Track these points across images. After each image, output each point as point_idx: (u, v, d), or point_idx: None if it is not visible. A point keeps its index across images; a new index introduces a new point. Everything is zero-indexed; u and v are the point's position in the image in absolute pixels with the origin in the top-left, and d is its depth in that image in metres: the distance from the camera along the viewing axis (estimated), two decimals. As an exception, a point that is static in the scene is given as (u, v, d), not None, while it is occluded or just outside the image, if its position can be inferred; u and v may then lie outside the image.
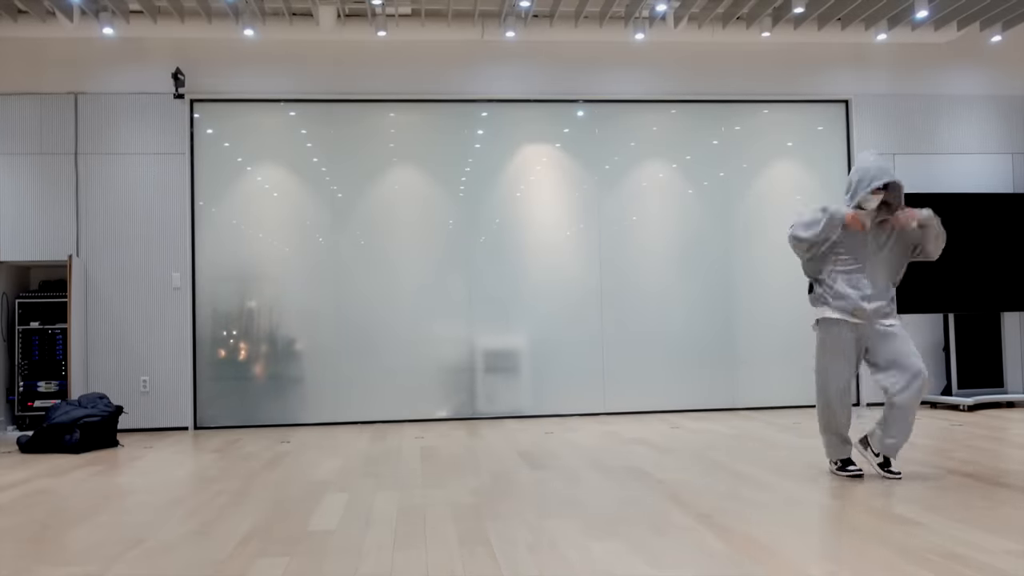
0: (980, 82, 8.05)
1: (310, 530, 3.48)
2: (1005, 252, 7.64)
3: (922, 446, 5.35)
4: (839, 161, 7.94)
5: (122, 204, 7.25)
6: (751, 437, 5.94)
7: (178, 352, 7.21)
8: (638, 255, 7.72)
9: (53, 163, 7.20)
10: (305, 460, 5.39)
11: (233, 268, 7.37)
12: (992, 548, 2.96)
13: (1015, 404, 7.63)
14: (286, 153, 7.47)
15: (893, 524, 3.33)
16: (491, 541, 3.23)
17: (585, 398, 7.55)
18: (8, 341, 7.24)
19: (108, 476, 4.96)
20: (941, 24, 7.69)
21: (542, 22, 7.51)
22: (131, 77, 7.33)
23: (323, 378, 7.38)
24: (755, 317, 7.78)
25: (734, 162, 7.86)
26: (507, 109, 7.61)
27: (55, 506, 4.09)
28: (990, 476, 4.29)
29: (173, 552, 3.18)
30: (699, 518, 3.51)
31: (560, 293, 7.62)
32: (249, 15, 7.10)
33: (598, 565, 2.87)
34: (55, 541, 3.39)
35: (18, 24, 7.16)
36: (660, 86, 7.76)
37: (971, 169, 7.99)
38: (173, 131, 7.31)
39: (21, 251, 7.14)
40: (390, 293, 7.43)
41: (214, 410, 7.28)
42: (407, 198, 7.53)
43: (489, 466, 4.97)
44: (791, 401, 7.75)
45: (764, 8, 7.23)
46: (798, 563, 2.83)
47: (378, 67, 7.53)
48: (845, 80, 7.92)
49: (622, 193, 7.73)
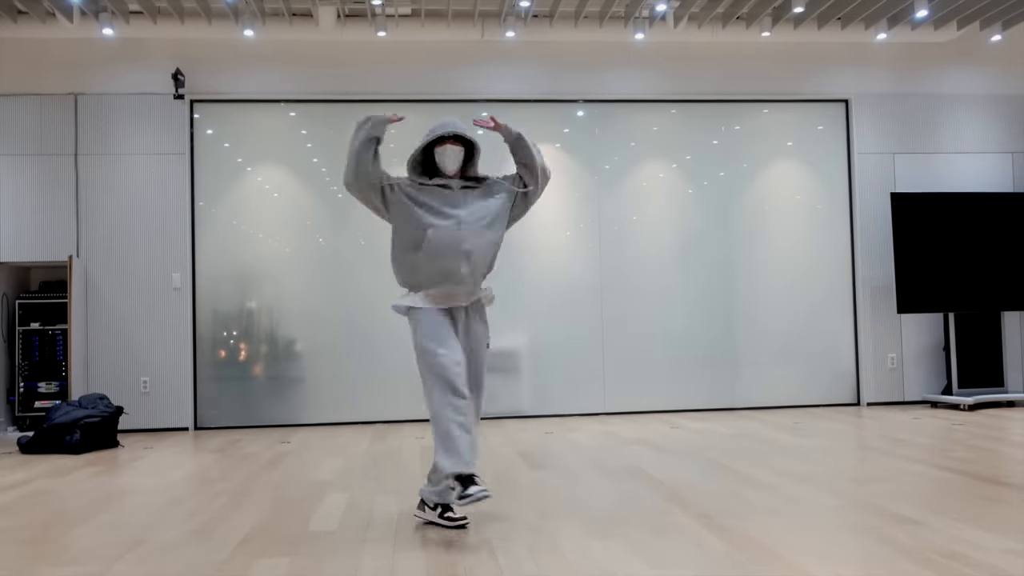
0: (980, 82, 8.05)
1: (310, 530, 3.48)
2: (1005, 252, 7.64)
3: (922, 446, 5.35)
4: (839, 161, 7.94)
5: (122, 204, 7.25)
6: (751, 437, 5.94)
7: (178, 352, 7.22)
8: (638, 255, 7.72)
9: (53, 163, 7.20)
10: (306, 460, 5.39)
11: (233, 268, 7.37)
12: (992, 548, 2.96)
13: (1015, 404, 7.63)
14: (286, 153, 7.47)
15: (893, 524, 3.33)
16: (491, 541, 3.23)
17: (585, 398, 7.55)
18: (8, 342, 7.24)
19: (108, 477, 4.96)
20: (941, 24, 7.69)
21: (542, 22, 7.51)
22: (131, 78, 7.33)
23: (323, 378, 7.38)
24: (755, 317, 7.78)
25: (734, 162, 7.86)
26: (507, 109, 7.61)
27: (56, 507, 4.09)
28: (990, 476, 4.29)
29: (173, 552, 3.18)
30: (699, 518, 3.51)
31: (560, 293, 7.62)
32: (249, 15, 7.10)
33: (598, 565, 2.87)
34: (56, 542, 3.39)
35: (18, 25, 7.16)
36: (660, 86, 7.76)
37: (971, 169, 7.99)
38: (173, 132, 7.31)
39: (21, 252, 7.14)
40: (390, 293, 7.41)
41: (214, 410, 7.28)
42: (407, 198, 7.52)
43: (489, 466, 4.97)
44: (791, 401, 7.75)
45: (764, 8, 7.23)
46: (798, 563, 2.83)
47: (378, 67, 7.53)
48: (845, 80, 7.92)
49: (622, 193, 7.73)
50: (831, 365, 7.83)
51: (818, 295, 7.86)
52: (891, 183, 7.88)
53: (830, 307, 7.87)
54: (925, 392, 7.81)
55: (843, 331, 7.85)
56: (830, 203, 7.92)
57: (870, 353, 7.77)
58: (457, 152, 3.55)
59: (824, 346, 7.83)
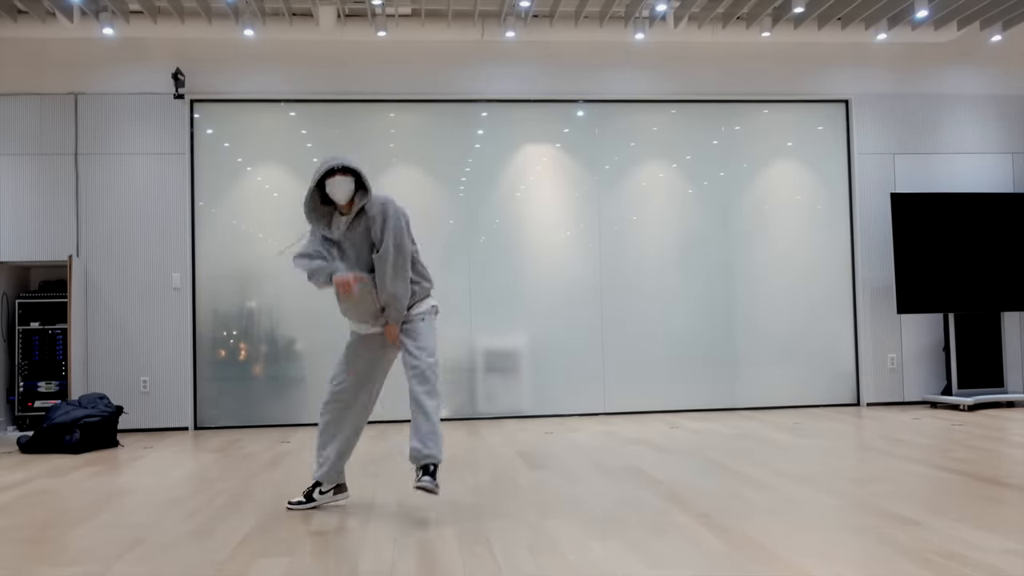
0: (980, 82, 8.05)
1: (310, 530, 3.48)
2: (1005, 252, 7.64)
3: (922, 446, 5.35)
4: (839, 161, 7.94)
5: (122, 204, 7.25)
6: (751, 437, 5.94)
7: (178, 352, 7.22)
8: (638, 255, 7.72)
9: (53, 163, 7.21)
10: (305, 460, 5.40)
11: (233, 268, 7.37)
12: (992, 548, 2.96)
13: (1015, 404, 7.63)
14: (286, 153, 7.47)
15: (893, 524, 3.33)
16: (491, 541, 3.23)
17: (585, 398, 7.55)
18: (8, 341, 7.24)
19: (108, 476, 4.96)
20: (941, 24, 7.69)
21: (542, 22, 7.51)
22: (131, 77, 7.33)
23: (323, 378, 7.35)
24: (755, 317, 7.78)
25: (734, 162, 7.86)
26: (507, 109, 7.61)
27: (55, 506, 4.09)
28: (990, 476, 4.29)
29: (173, 552, 3.18)
30: (699, 518, 3.51)
31: (560, 293, 7.62)
32: (249, 15, 7.10)
33: (598, 565, 2.87)
34: (55, 541, 3.39)
35: (18, 24, 7.16)
36: (660, 86, 7.76)
37: (971, 169, 7.99)
38: (173, 131, 7.31)
39: (21, 251, 7.14)
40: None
41: (214, 410, 7.28)
42: (407, 198, 7.44)
43: (489, 466, 4.97)
44: (791, 401, 7.75)
45: (764, 8, 7.23)
46: (798, 563, 2.83)
47: (378, 67, 7.53)
48: (845, 80, 7.92)
49: (622, 193, 7.73)
50: (831, 365, 7.83)
51: (818, 295, 7.86)
52: (891, 183, 7.88)
53: (830, 307, 7.87)
54: (925, 392, 7.81)
55: (843, 331, 7.85)
56: (830, 203, 7.92)
57: (870, 353, 7.77)
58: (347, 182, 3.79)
59: (824, 346, 7.83)
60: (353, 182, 3.79)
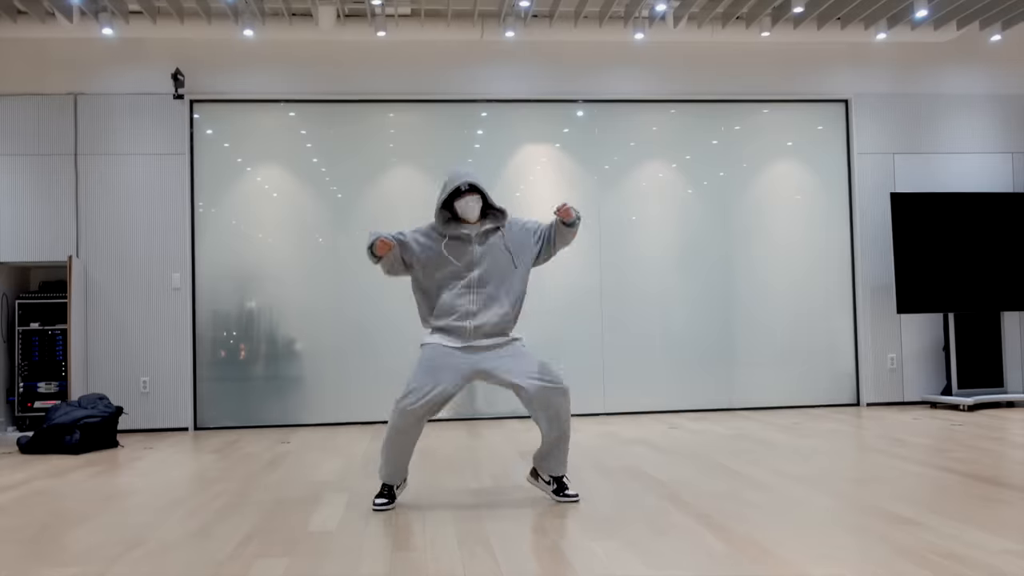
0: (980, 82, 8.05)
1: (310, 531, 3.48)
2: (1005, 252, 7.64)
3: (922, 446, 5.35)
4: (839, 161, 7.94)
5: (122, 205, 7.25)
6: (750, 437, 5.94)
7: (178, 353, 7.22)
8: (638, 255, 7.72)
9: (53, 164, 7.21)
10: (305, 461, 5.40)
11: (233, 268, 7.38)
12: (992, 548, 2.96)
13: (1015, 404, 7.63)
14: (286, 153, 7.48)
15: (893, 524, 3.33)
16: (491, 541, 3.23)
17: (585, 398, 7.55)
18: (8, 342, 7.24)
19: (108, 477, 4.96)
20: (941, 23, 7.70)
21: (542, 22, 7.51)
22: (131, 78, 7.33)
23: (323, 378, 7.38)
24: (754, 317, 7.79)
25: (734, 162, 7.86)
26: (507, 109, 7.62)
27: (55, 507, 4.09)
28: (989, 476, 4.29)
29: (173, 553, 3.18)
30: (699, 518, 3.52)
31: (560, 293, 7.62)
32: (249, 15, 7.10)
33: (598, 565, 2.88)
34: (55, 542, 3.39)
35: (18, 25, 7.16)
36: (660, 86, 7.76)
37: (971, 169, 7.99)
38: (173, 132, 7.31)
39: (21, 252, 7.14)
40: (390, 293, 7.42)
41: (214, 411, 7.28)
42: (407, 198, 7.53)
43: (489, 466, 4.97)
44: (790, 401, 7.76)
45: (764, 8, 7.23)
46: (798, 563, 2.84)
47: (378, 67, 7.53)
48: (845, 80, 7.92)
49: (622, 193, 7.73)
50: (831, 365, 7.83)
51: (818, 295, 7.86)
52: (891, 183, 7.88)
53: (830, 307, 7.87)
54: (925, 392, 7.81)
55: (843, 331, 7.86)
56: (830, 203, 7.92)
57: (870, 353, 7.77)
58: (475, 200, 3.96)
59: (824, 346, 7.83)
60: (480, 200, 3.98)
